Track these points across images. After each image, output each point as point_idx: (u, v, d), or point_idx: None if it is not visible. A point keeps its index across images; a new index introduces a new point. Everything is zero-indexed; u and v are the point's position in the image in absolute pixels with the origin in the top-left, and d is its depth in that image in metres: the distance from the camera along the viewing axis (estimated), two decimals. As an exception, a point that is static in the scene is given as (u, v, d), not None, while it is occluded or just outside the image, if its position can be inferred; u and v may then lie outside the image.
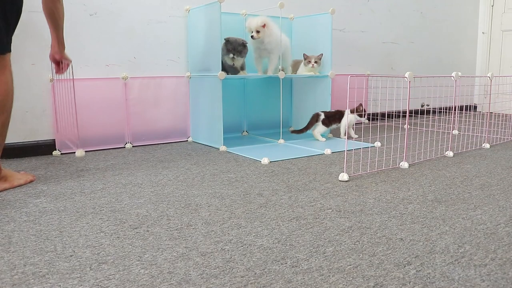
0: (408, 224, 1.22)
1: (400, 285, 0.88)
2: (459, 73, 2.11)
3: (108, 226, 1.22)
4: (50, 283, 0.91)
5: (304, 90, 2.88)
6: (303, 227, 1.20)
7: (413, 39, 3.77)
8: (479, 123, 3.27)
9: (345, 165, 1.88)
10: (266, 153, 2.17)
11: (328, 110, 2.61)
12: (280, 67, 2.57)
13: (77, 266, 0.98)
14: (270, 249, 1.06)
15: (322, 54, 2.66)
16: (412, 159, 2.05)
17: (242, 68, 2.44)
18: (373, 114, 3.47)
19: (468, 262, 0.98)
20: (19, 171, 1.80)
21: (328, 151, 2.21)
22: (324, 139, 2.57)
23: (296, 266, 0.97)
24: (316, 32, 2.75)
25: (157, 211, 1.34)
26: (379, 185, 1.63)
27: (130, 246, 1.08)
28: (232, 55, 2.32)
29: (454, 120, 3.30)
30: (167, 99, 2.55)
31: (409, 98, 1.86)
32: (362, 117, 2.65)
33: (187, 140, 2.63)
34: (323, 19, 2.69)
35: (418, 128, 3.12)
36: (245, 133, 2.86)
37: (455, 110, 2.21)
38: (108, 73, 2.38)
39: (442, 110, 3.96)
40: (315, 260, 1.00)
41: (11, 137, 2.17)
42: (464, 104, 4.14)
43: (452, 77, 2.10)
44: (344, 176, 1.70)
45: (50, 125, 2.27)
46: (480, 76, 2.68)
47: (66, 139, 2.21)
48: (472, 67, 4.32)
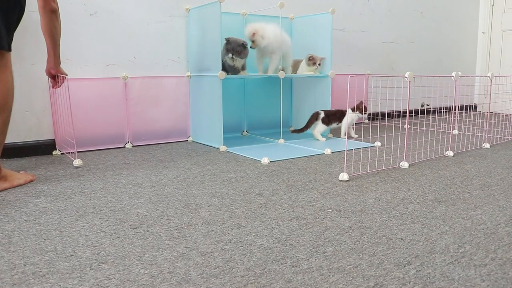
0: (408, 224, 1.22)
1: (400, 285, 0.88)
2: (459, 73, 2.11)
3: (108, 226, 1.22)
4: (50, 283, 0.91)
5: (304, 90, 2.88)
6: (303, 227, 1.20)
7: (413, 39, 3.77)
8: (479, 123, 3.27)
9: (345, 165, 1.88)
10: (266, 153, 2.17)
11: (328, 109, 2.61)
12: (280, 67, 2.57)
13: (77, 266, 0.98)
14: (270, 249, 1.06)
15: (325, 58, 2.67)
16: (412, 159, 2.05)
17: (243, 68, 2.44)
18: (373, 114, 3.47)
19: (468, 262, 0.98)
20: (19, 171, 1.80)
21: (328, 151, 2.21)
22: (324, 139, 2.57)
23: (296, 266, 0.97)
24: (316, 32, 2.75)
25: (157, 211, 1.34)
26: (379, 185, 1.63)
27: (130, 246, 1.08)
28: (231, 55, 2.32)
29: (454, 120, 3.30)
30: (167, 99, 2.55)
31: (409, 98, 1.86)
32: (364, 114, 2.65)
33: (187, 140, 2.63)
34: (323, 19, 2.69)
35: (418, 128, 3.12)
36: (245, 133, 2.86)
37: (455, 110, 2.21)
38: (108, 73, 2.38)
39: (442, 110, 3.96)
40: (315, 260, 1.00)
41: (11, 137, 2.17)
42: (464, 104, 4.14)
43: (452, 77, 2.10)
44: (344, 176, 1.70)
45: (50, 125, 2.27)
46: (480, 76, 2.68)
47: (64, 145, 2.21)
48: (472, 67, 4.32)
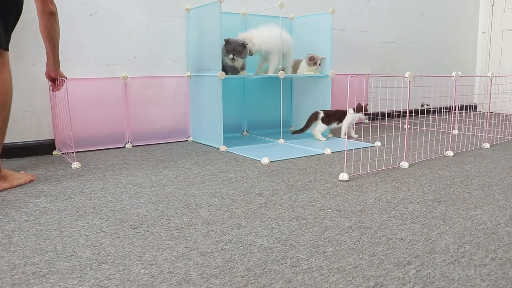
0: (408, 224, 1.22)
1: (400, 285, 0.88)
2: (459, 73, 2.10)
3: (108, 226, 1.22)
4: (50, 283, 0.91)
5: (304, 90, 2.88)
6: (303, 227, 1.20)
7: (413, 39, 3.77)
8: (479, 123, 3.27)
9: (345, 165, 1.88)
10: (266, 153, 2.17)
11: (328, 109, 2.61)
12: (280, 67, 2.57)
13: (77, 266, 0.98)
14: (270, 249, 1.06)
15: (325, 58, 2.68)
16: (412, 159, 2.05)
17: (242, 68, 2.44)
18: (373, 114, 3.47)
19: (468, 262, 0.98)
20: (19, 171, 1.80)
21: (328, 151, 2.21)
22: (324, 139, 2.57)
23: (296, 266, 0.97)
24: (316, 32, 2.75)
25: (157, 211, 1.34)
26: (379, 185, 1.63)
27: (130, 246, 1.09)
28: (232, 56, 2.32)
29: (454, 120, 3.30)
30: (167, 99, 2.55)
31: (409, 98, 1.86)
32: (365, 115, 2.67)
33: (187, 140, 2.63)
34: (323, 19, 2.69)
35: (418, 128, 3.12)
36: (245, 133, 2.86)
37: (455, 110, 2.21)
38: (108, 73, 2.38)
39: (442, 110, 3.96)
40: (315, 260, 1.00)
41: (11, 137, 2.17)
42: (464, 104, 4.14)
43: (452, 77, 2.10)
44: (344, 176, 1.70)
45: (50, 125, 2.27)
46: (480, 76, 2.68)
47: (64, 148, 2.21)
48: (472, 67, 4.32)
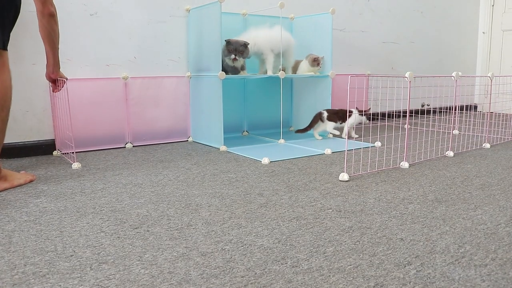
0: (409, 224, 1.22)
1: (401, 285, 0.88)
2: (460, 73, 2.10)
3: (109, 226, 1.22)
4: (51, 283, 0.91)
5: (305, 90, 2.88)
6: (304, 227, 1.20)
7: (414, 39, 3.77)
8: (480, 123, 3.27)
9: (346, 165, 1.88)
10: (267, 153, 2.17)
11: (330, 108, 2.62)
12: (281, 67, 2.56)
13: (78, 266, 0.98)
14: (271, 249, 1.06)
15: (323, 56, 2.68)
16: (413, 159, 2.05)
17: (243, 68, 2.44)
18: (374, 114, 3.47)
19: (469, 262, 0.98)
20: (20, 171, 1.80)
21: (329, 151, 2.21)
22: (321, 138, 2.59)
23: (297, 266, 0.97)
24: (317, 32, 2.75)
25: (158, 211, 1.34)
26: (380, 185, 1.63)
27: (131, 246, 1.09)
28: (234, 56, 2.32)
29: (455, 120, 3.29)
30: (168, 99, 2.55)
31: (410, 98, 1.86)
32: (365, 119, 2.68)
33: (188, 140, 2.63)
34: (324, 19, 2.69)
35: (419, 128, 3.12)
36: (246, 133, 2.86)
37: (456, 110, 2.21)
38: (109, 73, 2.38)
39: (443, 110, 3.96)
40: (316, 260, 1.00)
41: (12, 137, 2.17)
42: (465, 104, 4.14)
43: (453, 77, 2.10)
44: (345, 176, 1.70)
45: (51, 125, 2.27)
46: (481, 76, 2.68)
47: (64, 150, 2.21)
48: (473, 67, 4.32)
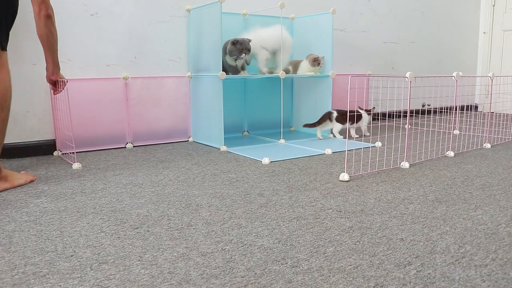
0: (409, 224, 1.22)
1: (401, 285, 0.88)
2: (460, 73, 2.10)
3: (109, 226, 1.22)
4: (51, 283, 0.91)
5: (305, 90, 2.88)
6: (304, 227, 1.20)
7: (414, 39, 3.77)
8: (480, 123, 3.27)
9: (346, 165, 1.88)
10: (267, 153, 2.17)
11: (340, 109, 2.63)
12: (281, 67, 2.56)
13: (78, 266, 0.98)
14: (271, 249, 1.06)
15: (324, 56, 2.68)
16: (413, 159, 2.05)
17: (243, 68, 2.45)
18: (374, 114, 3.47)
19: (469, 263, 0.98)
20: (20, 171, 1.80)
21: (329, 151, 2.21)
22: (322, 138, 2.59)
23: (297, 266, 0.97)
24: (317, 32, 2.75)
25: (158, 211, 1.34)
26: (380, 185, 1.62)
27: (131, 246, 1.09)
28: (245, 54, 2.34)
29: (455, 120, 3.29)
30: (168, 99, 2.55)
31: (410, 98, 1.86)
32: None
33: (188, 140, 2.63)
34: (324, 19, 2.69)
35: (419, 128, 3.11)
36: (246, 133, 2.86)
37: (456, 110, 2.21)
38: (109, 73, 2.39)
39: (443, 110, 3.96)
40: (316, 260, 1.00)
41: (12, 137, 2.17)
42: (465, 104, 4.13)
43: (453, 77, 2.10)
44: (345, 176, 1.70)
45: (51, 125, 2.27)
46: (481, 76, 2.67)
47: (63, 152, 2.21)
48: (473, 67, 4.31)
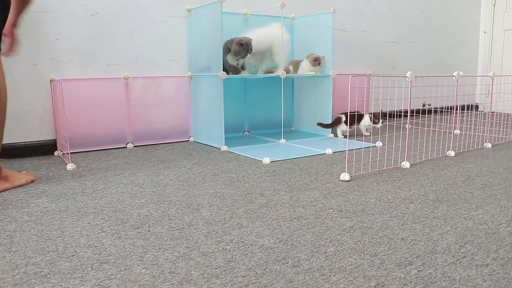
0: (410, 224, 1.22)
1: (402, 285, 0.88)
2: (461, 73, 2.10)
3: (110, 226, 1.22)
4: (52, 283, 0.91)
5: (306, 90, 2.88)
6: (305, 227, 1.20)
7: (415, 39, 3.76)
8: (481, 123, 3.27)
9: (347, 165, 1.88)
10: (268, 153, 2.17)
11: (347, 112, 2.66)
12: (282, 67, 2.56)
13: (79, 266, 0.98)
14: (271, 249, 1.06)
15: (324, 56, 2.67)
16: (414, 159, 2.05)
17: (243, 68, 2.45)
18: (374, 114, 3.47)
19: (470, 262, 0.98)
20: (21, 171, 1.80)
21: (330, 151, 2.21)
22: (343, 137, 2.68)
23: (298, 266, 0.97)
24: (318, 32, 2.75)
25: (159, 211, 1.34)
26: (381, 185, 1.62)
27: (132, 246, 1.09)
28: (250, 54, 2.36)
29: (456, 120, 3.29)
30: (169, 99, 2.55)
31: (411, 98, 1.86)
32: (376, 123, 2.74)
33: (189, 140, 2.63)
34: (325, 19, 2.69)
35: (420, 128, 3.11)
36: (247, 133, 2.86)
37: (457, 110, 2.20)
38: (110, 73, 2.39)
39: (444, 110, 3.95)
40: (316, 260, 1.00)
41: (13, 137, 2.18)
42: (466, 104, 4.13)
43: (454, 77, 2.10)
44: (346, 176, 1.70)
45: (52, 125, 2.27)
46: (482, 76, 2.67)
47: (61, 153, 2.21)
48: (474, 67, 4.31)
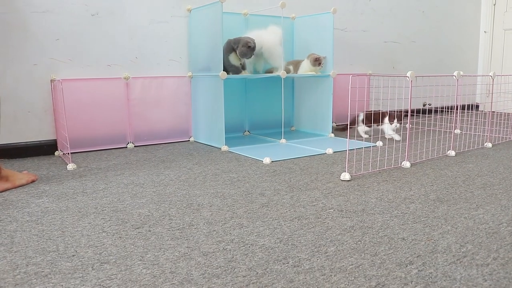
0: (410, 224, 1.22)
1: (402, 285, 0.88)
2: (461, 72, 2.10)
3: (110, 226, 1.22)
4: (53, 283, 0.91)
5: (306, 90, 2.88)
6: (305, 227, 1.20)
7: (415, 38, 3.76)
8: (481, 122, 3.26)
9: (347, 165, 1.88)
10: (268, 153, 2.17)
11: (368, 111, 2.64)
12: (283, 67, 2.56)
13: (79, 266, 0.98)
14: (272, 249, 1.06)
15: (326, 56, 2.67)
16: (414, 159, 2.05)
17: (243, 68, 2.45)
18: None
19: (470, 262, 0.98)
20: (22, 171, 1.80)
21: (330, 151, 2.21)
22: (367, 136, 2.69)
23: (298, 266, 0.97)
24: (318, 32, 2.75)
25: (159, 211, 1.34)
26: (381, 185, 1.62)
27: (132, 246, 1.09)
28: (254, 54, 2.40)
29: (456, 120, 3.29)
30: (169, 99, 2.55)
31: (411, 98, 1.86)
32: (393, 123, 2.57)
33: (189, 140, 2.63)
34: (325, 19, 2.69)
35: (420, 128, 3.11)
36: (247, 133, 2.86)
37: (457, 109, 2.20)
38: (110, 73, 2.39)
39: (444, 110, 3.95)
40: (317, 260, 1.00)
41: (13, 137, 2.18)
42: (466, 103, 4.13)
43: (454, 76, 2.10)
44: (346, 176, 1.70)
45: (52, 125, 2.27)
46: (482, 75, 2.67)
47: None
48: (474, 66, 4.31)
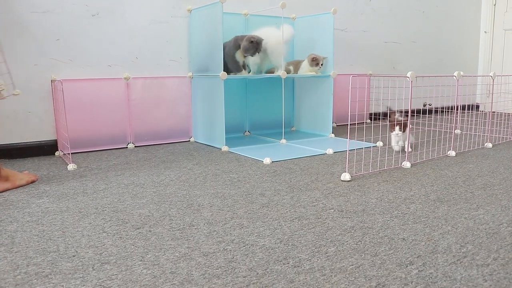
0: (410, 224, 1.22)
1: (402, 285, 0.88)
2: (461, 73, 2.10)
3: (111, 226, 1.22)
4: (53, 283, 0.91)
5: (306, 90, 2.88)
6: (305, 227, 1.20)
7: (415, 39, 3.76)
8: (481, 123, 3.26)
9: (347, 165, 1.88)
10: (268, 153, 2.17)
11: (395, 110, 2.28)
12: (283, 68, 2.56)
13: (80, 266, 0.98)
14: (272, 249, 1.06)
15: (327, 57, 2.66)
16: (414, 159, 2.05)
17: (244, 67, 2.45)
18: (375, 114, 3.47)
19: (471, 262, 0.98)
20: (22, 171, 1.80)
21: (330, 151, 2.21)
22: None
23: (298, 266, 0.97)
24: (318, 32, 2.75)
25: (160, 211, 1.34)
26: (381, 185, 1.62)
27: (133, 246, 1.09)
28: (257, 53, 2.38)
29: (456, 120, 3.29)
30: (169, 99, 2.55)
31: (411, 98, 1.86)
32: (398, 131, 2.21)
33: (189, 140, 2.63)
34: (325, 19, 2.69)
35: (420, 128, 3.11)
36: (247, 133, 2.86)
37: (457, 110, 2.20)
38: (110, 74, 2.39)
39: (444, 110, 3.95)
40: (317, 260, 1.00)
41: (14, 137, 2.18)
42: (466, 104, 4.13)
43: (454, 77, 2.10)
44: (346, 176, 1.70)
45: (53, 126, 2.27)
46: (482, 76, 2.67)
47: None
48: (474, 67, 4.31)
